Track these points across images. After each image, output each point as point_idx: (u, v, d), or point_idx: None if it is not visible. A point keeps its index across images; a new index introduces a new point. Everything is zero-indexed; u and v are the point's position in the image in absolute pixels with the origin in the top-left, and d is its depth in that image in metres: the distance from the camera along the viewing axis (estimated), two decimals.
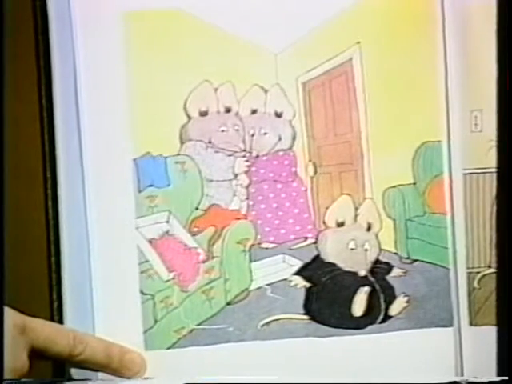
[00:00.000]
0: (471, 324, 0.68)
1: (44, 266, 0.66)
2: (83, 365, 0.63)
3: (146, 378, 0.65)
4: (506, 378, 0.64)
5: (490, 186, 0.68)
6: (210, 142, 0.67)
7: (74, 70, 0.66)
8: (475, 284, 0.68)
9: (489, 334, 0.67)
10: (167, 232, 0.67)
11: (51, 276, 0.66)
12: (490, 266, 0.68)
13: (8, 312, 0.59)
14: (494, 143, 0.68)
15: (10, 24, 0.65)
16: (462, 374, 0.68)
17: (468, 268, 0.68)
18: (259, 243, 0.68)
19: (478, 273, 0.69)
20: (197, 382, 0.64)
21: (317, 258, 0.68)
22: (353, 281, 0.68)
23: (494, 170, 0.68)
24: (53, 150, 0.66)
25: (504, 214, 0.67)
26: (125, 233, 0.66)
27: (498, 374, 0.66)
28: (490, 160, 0.68)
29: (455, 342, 0.68)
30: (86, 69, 0.66)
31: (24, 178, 0.67)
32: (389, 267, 0.68)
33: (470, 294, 0.68)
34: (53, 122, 0.66)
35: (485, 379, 0.65)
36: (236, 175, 0.68)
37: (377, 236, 0.68)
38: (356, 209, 0.68)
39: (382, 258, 0.68)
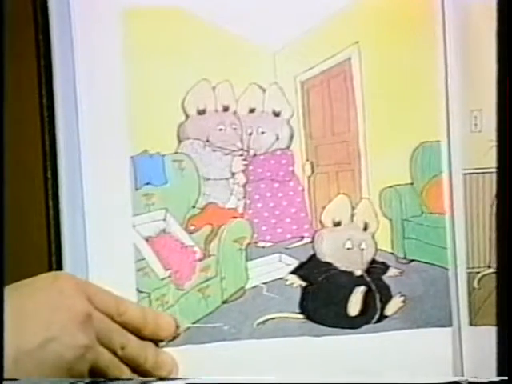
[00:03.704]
0: (471, 324, 0.68)
1: (44, 265, 0.66)
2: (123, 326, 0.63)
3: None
4: (506, 378, 0.64)
5: (489, 186, 0.68)
6: (207, 141, 0.68)
7: (73, 69, 0.66)
8: (475, 284, 0.68)
9: (489, 334, 0.67)
10: (164, 230, 0.67)
11: None
12: (489, 266, 0.68)
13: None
14: (493, 143, 0.67)
15: (10, 23, 0.65)
16: (462, 374, 0.67)
17: (468, 268, 0.68)
18: (256, 242, 0.68)
19: (478, 273, 0.68)
20: (192, 381, 0.64)
21: (313, 257, 0.68)
22: (349, 280, 0.68)
23: (494, 170, 0.67)
24: (53, 150, 0.66)
25: (504, 214, 0.66)
26: (121, 231, 0.66)
27: (498, 374, 0.65)
28: (490, 160, 0.68)
29: (455, 342, 0.68)
30: (86, 67, 0.66)
31: (24, 177, 0.67)
32: (385, 267, 0.68)
33: (469, 294, 0.68)
34: (53, 121, 0.66)
35: (485, 379, 0.65)
36: (233, 174, 0.68)
37: (373, 236, 0.68)
38: (353, 208, 0.68)
39: (378, 258, 0.68)
